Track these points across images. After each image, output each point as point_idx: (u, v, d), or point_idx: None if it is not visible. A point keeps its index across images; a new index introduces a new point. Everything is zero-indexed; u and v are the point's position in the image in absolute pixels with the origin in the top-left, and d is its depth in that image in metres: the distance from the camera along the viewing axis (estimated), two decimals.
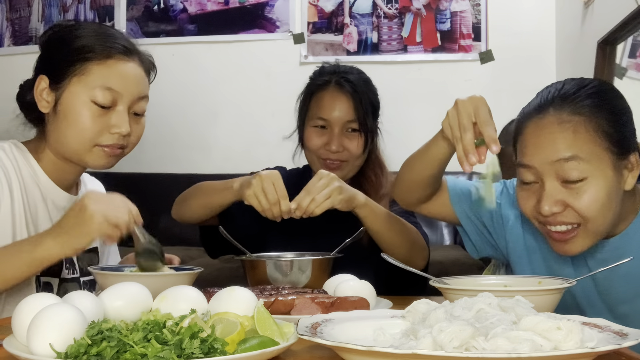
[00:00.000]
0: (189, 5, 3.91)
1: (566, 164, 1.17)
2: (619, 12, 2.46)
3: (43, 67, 1.40)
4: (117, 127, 1.37)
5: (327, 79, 1.82)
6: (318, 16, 3.80)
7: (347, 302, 1.08)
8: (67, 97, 1.36)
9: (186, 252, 1.86)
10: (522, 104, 1.39)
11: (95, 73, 1.36)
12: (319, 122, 1.79)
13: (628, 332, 0.80)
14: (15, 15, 4.13)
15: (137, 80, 1.41)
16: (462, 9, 3.68)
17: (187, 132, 3.73)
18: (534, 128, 1.23)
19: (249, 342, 0.79)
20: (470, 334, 0.74)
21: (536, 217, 1.24)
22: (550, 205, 1.19)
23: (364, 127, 1.79)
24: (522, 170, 1.25)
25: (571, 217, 1.20)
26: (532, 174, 1.23)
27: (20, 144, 1.43)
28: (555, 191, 1.19)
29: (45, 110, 1.39)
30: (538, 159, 1.21)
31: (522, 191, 1.27)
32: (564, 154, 1.18)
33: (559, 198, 1.19)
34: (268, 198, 1.49)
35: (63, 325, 0.76)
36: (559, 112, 1.21)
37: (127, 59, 1.40)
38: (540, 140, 1.21)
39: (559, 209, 1.19)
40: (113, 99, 1.36)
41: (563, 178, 1.19)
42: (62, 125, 1.37)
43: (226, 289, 0.95)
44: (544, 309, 0.97)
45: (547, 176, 1.20)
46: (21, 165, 1.39)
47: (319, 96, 1.81)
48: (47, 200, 1.42)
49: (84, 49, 1.37)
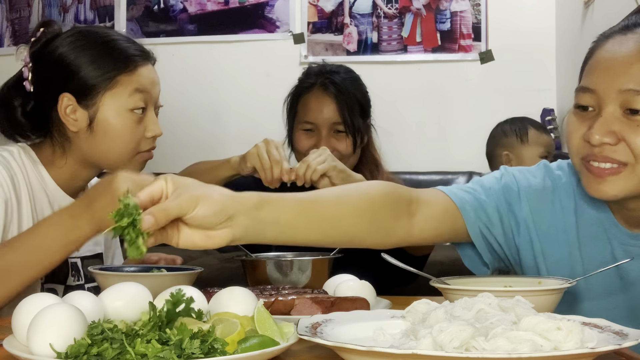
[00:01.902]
0: (189, 5, 3.91)
1: (636, 95, 1.02)
2: (619, 12, 2.46)
3: (62, 86, 1.37)
4: (152, 131, 1.41)
5: (313, 81, 1.84)
6: (318, 16, 3.80)
7: (347, 302, 1.08)
8: (104, 112, 1.37)
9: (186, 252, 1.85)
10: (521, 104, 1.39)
11: (126, 83, 1.38)
12: (307, 125, 1.82)
13: (628, 332, 0.80)
14: (15, 15, 4.13)
15: (156, 80, 1.45)
16: (462, 9, 3.68)
17: (187, 132, 3.73)
18: (611, 45, 1.07)
19: (249, 341, 0.79)
20: (470, 334, 0.74)
21: (581, 149, 1.08)
22: (603, 134, 1.03)
23: (350, 127, 1.80)
24: (582, 94, 1.08)
25: (622, 154, 1.04)
26: (592, 99, 1.07)
27: (29, 148, 1.42)
28: (613, 119, 1.04)
29: (75, 128, 1.37)
30: (604, 83, 1.05)
31: (574, 117, 1.10)
32: (635, 86, 1.02)
33: (615, 128, 1.03)
34: (271, 157, 1.51)
35: (63, 325, 0.76)
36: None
37: (147, 63, 1.43)
38: (612, 62, 1.05)
39: (612, 139, 1.03)
40: (145, 102, 1.39)
41: (627, 106, 1.03)
42: (104, 140, 1.38)
43: (226, 289, 0.95)
44: (544, 309, 0.97)
45: (609, 102, 1.04)
46: (29, 170, 1.38)
47: (305, 99, 1.84)
48: (54, 206, 1.41)
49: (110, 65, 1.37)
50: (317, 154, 1.56)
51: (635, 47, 1.04)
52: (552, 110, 3.37)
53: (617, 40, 1.07)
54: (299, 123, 1.84)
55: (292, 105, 1.88)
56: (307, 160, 1.54)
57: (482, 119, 3.58)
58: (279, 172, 1.52)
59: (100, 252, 1.55)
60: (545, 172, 1.25)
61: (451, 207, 1.19)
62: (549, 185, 1.23)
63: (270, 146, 1.55)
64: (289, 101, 1.90)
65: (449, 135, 3.66)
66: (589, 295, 1.22)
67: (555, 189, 1.22)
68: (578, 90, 1.10)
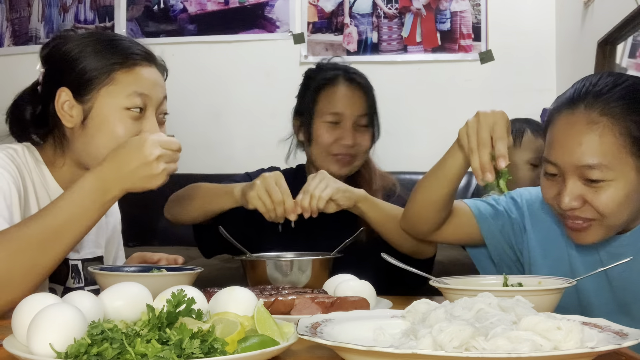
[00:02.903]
0: (189, 5, 3.91)
1: (589, 169, 1.21)
2: (619, 12, 2.46)
3: (60, 81, 1.37)
4: (151, 133, 1.35)
5: (335, 73, 1.82)
6: (318, 16, 3.80)
7: (347, 302, 1.08)
8: (98, 109, 1.35)
9: (186, 252, 1.85)
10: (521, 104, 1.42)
11: (124, 81, 1.36)
12: (331, 117, 1.78)
13: (628, 332, 0.80)
14: (15, 15, 4.13)
15: (160, 83, 1.43)
16: (462, 9, 3.68)
17: (187, 132, 3.72)
18: (564, 123, 1.26)
19: (250, 341, 0.79)
20: (470, 334, 0.74)
21: (556, 209, 1.29)
22: (570, 200, 1.23)
23: (372, 121, 1.81)
24: (547, 165, 1.29)
25: (588, 213, 1.23)
26: (556, 169, 1.27)
27: (33, 148, 1.41)
28: (575, 188, 1.23)
29: (70, 124, 1.36)
30: (563, 159, 1.24)
31: (546, 180, 1.31)
32: (588, 160, 1.21)
33: (578, 194, 1.23)
34: (272, 198, 1.49)
35: (63, 325, 0.76)
36: (589, 111, 1.23)
37: (149, 65, 1.41)
38: (567, 141, 1.24)
39: (578, 204, 1.23)
40: (144, 103, 1.37)
41: (585, 177, 1.22)
42: (96, 137, 1.35)
43: (226, 289, 0.95)
44: (544, 309, 0.97)
45: (569, 174, 1.24)
46: (32, 170, 1.38)
47: (330, 91, 1.80)
48: None
49: (108, 59, 1.36)
50: (317, 180, 1.53)
51: (581, 126, 1.22)
52: None
53: (567, 119, 1.25)
54: (321, 115, 1.79)
55: (310, 98, 1.82)
56: (309, 189, 1.51)
57: None
58: (282, 212, 1.50)
59: (100, 255, 1.54)
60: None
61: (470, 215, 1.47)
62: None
63: (269, 184, 1.50)
64: (305, 95, 1.85)
65: (449, 135, 3.62)
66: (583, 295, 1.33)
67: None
68: (544, 160, 1.30)
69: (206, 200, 1.65)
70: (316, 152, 1.81)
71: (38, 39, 4.06)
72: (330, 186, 1.52)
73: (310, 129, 1.80)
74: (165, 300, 0.83)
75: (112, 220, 1.63)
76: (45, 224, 1.18)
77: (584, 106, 1.23)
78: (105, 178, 1.22)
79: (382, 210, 1.59)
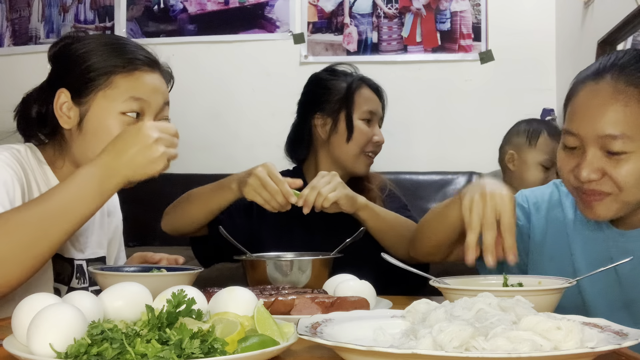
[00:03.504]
0: (189, 5, 3.91)
1: (612, 140, 1.19)
2: (619, 12, 2.46)
3: (61, 81, 1.37)
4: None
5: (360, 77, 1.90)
6: (318, 16, 3.80)
7: (347, 302, 1.08)
8: (94, 113, 1.35)
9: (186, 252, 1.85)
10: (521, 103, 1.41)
11: (122, 85, 1.35)
12: (368, 115, 1.85)
13: (628, 332, 0.80)
14: (15, 15, 4.13)
15: (161, 89, 1.41)
16: (462, 9, 3.68)
17: (187, 132, 3.70)
18: (587, 93, 1.24)
19: (250, 340, 0.79)
20: (470, 334, 0.74)
21: (572, 181, 1.26)
22: (589, 172, 1.20)
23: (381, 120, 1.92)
24: (567, 136, 1.26)
25: (606, 186, 1.21)
26: (576, 141, 1.24)
27: (35, 148, 1.41)
28: (596, 159, 1.21)
29: (67, 126, 1.36)
30: (585, 130, 1.22)
31: (563, 153, 1.28)
32: (611, 130, 1.18)
33: (599, 166, 1.21)
34: (268, 190, 1.50)
35: (63, 325, 0.76)
36: (615, 81, 1.21)
37: (151, 70, 1.40)
38: (590, 110, 1.22)
39: (597, 176, 1.21)
40: (141, 109, 1.36)
41: (606, 148, 1.20)
42: (92, 141, 1.35)
43: (226, 289, 0.95)
44: (544, 309, 0.97)
45: (590, 145, 1.21)
46: (35, 170, 1.38)
47: (364, 91, 1.87)
48: None
49: (108, 62, 1.36)
50: (327, 179, 1.55)
51: (606, 95, 1.20)
52: (552, 110, 3.37)
53: (592, 89, 1.23)
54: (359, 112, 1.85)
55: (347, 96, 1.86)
56: (318, 186, 1.52)
57: (482, 119, 3.59)
58: (283, 200, 1.52)
59: (103, 255, 1.55)
60: (554, 187, 1.46)
61: None
62: (556, 198, 1.43)
63: (263, 178, 1.51)
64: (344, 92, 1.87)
65: (449, 135, 3.66)
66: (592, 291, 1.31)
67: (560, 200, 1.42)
68: (564, 132, 1.27)
69: (204, 201, 1.66)
70: (351, 150, 1.83)
71: (38, 39, 4.06)
72: (339, 190, 1.54)
73: (351, 126, 1.83)
74: (165, 300, 0.83)
75: (114, 220, 1.64)
76: (44, 207, 1.16)
77: (610, 77, 1.21)
78: (105, 165, 1.20)
79: (383, 220, 1.62)
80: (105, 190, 1.21)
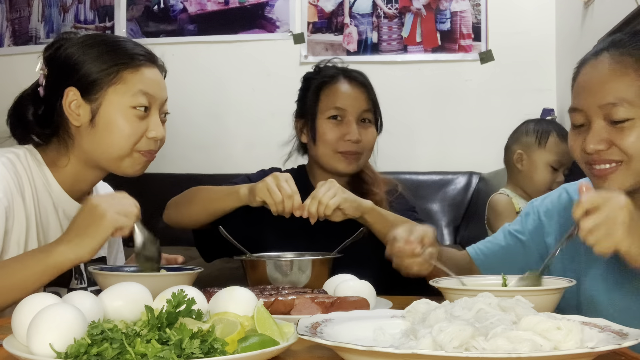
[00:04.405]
0: (189, 5, 3.91)
1: (614, 107, 1.22)
2: (619, 12, 2.46)
3: (67, 81, 1.39)
4: (154, 132, 1.41)
5: (335, 72, 1.83)
6: (318, 16, 3.80)
7: (347, 302, 1.08)
8: (106, 107, 1.39)
9: (186, 252, 1.85)
10: (521, 104, 1.41)
11: (131, 80, 1.40)
12: (334, 111, 1.78)
13: (628, 332, 0.80)
14: (15, 15, 4.12)
15: (163, 84, 1.47)
16: (462, 9, 3.68)
17: (187, 132, 3.72)
18: (587, 69, 1.30)
19: (250, 341, 0.79)
20: (470, 334, 0.74)
21: (583, 157, 1.29)
22: (596, 143, 1.24)
23: (376, 117, 1.81)
24: (573, 114, 1.30)
25: (615, 154, 1.23)
26: (582, 117, 1.28)
27: (35, 151, 1.43)
28: (601, 130, 1.24)
29: (77, 123, 1.39)
30: (587, 102, 1.26)
31: (572, 134, 1.32)
32: (611, 98, 1.22)
33: (604, 136, 1.24)
34: (282, 192, 1.50)
35: (63, 325, 0.76)
36: (611, 54, 1.27)
37: (152, 65, 1.45)
38: (590, 84, 1.27)
39: (604, 146, 1.24)
40: (149, 103, 1.41)
41: (610, 118, 1.23)
42: (104, 135, 1.39)
43: (226, 289, 0.95)
44: (544, 309, 0.97)
45: (594, 117, 1.25)
46: (34, 173, 1.39)
47: (332, 88, 1.81)
48: (59, 209, 1.42)
49: (115, 59, 1.39)
50: (326, 187, 1.53)
51: (606, 68, 1.26)
52: (552, 110, 3.37)
53: (591, 64, 1.30)
54: (325, 111, 1.79)
55: (312, 97, 1.82)
56: (317, 195, 1.51)
57: (482, 119, 3.59)
58: (291, 206, 1.51)
59: (104, 255, 1.55)
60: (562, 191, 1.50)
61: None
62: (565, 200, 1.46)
63: (280, 181, 1.52)
64: (306, 95, 1.84)
65: (449, 135, 3.66)
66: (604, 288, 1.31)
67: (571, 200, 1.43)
68: (570, 111, 1.31)
69: (209, 202, 1.65)
70: (322, 151, 1.80)
71: (38, 39, 4.06)
72: (339, 195, 1.52)
73: (315, 127, 1.80)
74: (165, 300, 0.83)
75: None
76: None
77: (607, 52, 1.28)
78: (56, 240, 1.25)
79: (390, 223, 1.60)
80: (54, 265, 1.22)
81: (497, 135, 2.87)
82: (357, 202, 1.55)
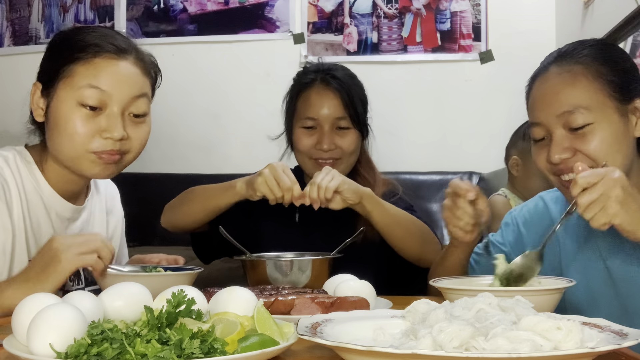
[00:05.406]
0: (189, 5, 3.91)
1: (571, 115, 1.24)
2: (619, 12, 2.46)
3: (39, 74, 1.37)
4: (109, 132, 1.30)
5: (312, 77, 1.81)
6: (318, 16, 3.80)
7: (347, 302, 1.08)
8: (56, 103, 1.31)
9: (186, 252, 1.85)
10: (521, 104, 1.41)
11: (81, 74, 1.30)
12: (308, 122, 1.77)
13: (628, 332, 0.80)
14: (15, 15, 4.12)
15: (130, 80, 1.34)
16: (462, 9, 3.68)
17: (187, 132, 3.72)
18: (539, 84, 1.33)
19: (250, 340, 0.79)
20: (470, 334, 0.74)
21: (550, 169, 1.30)
22: (560, 153, 1.25)
23: (355, 122, 1.78)
24: (533, 128, 1.32)
25: (581, 161, 1.22)
26: (542, 130, 1.30)
27: (25, 151, 1.39)
28: (562, 139, 1.26)
29: (40, 118, 1.35)
30: (544, 114, 1.28)
31: (535, 148, 1.33)
32: (566, 106, 1.24)
33: (567, 145, 1.25)
34: (281, 185, 1.50)
35: (63, 325, 0.76)
36: (559, 66, 1.30)
37: (116, 58, 1.33)
38: (544, 96, 1.29)
39: (568, 154, 1.25)
40: (101, 99, 1.30)
41: (569, 126, 1.25)
42: (55, 132, 1.32)
43: (226, 289, 0.95)
44: (544, 309, 0.97)
45: (554, 128, 1.27)
46: (23, 176, 1.35)
47: (306, 95, 1.79)
48: (51, 212, 1.39)
49: (71, 51, 1.32)
50: (324, 173, 1.54)
51: (557, 78, 1.29)
52: None
53: (542, 78, 1.33)
54: (299, 120, 1.79)
55: (290, 103, 1.84)
56: (316, 181, 1.52)
57: (482, 119, 3.58)
58: (290, 199, 1.52)
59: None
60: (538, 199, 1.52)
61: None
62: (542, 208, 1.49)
63: (278, 172, 1.52)
64: (287, 100, 1.86)
65: (449, 135, 3.66)
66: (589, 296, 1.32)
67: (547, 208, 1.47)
68: (530, 126, 1.34)
69: (205, 199, 1.65)
70: (299, 158, 1.83)
71: (38, 39, 4.05)
72: (337, 178, 1.53)
73: (291, 135, 1.82)
74: (165, 300, 0.83)
75: (114, 219, 1.63)
76: None
77: (555, 64, 1.31)
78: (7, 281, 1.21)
79: (388, 212, 1.59)
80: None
81: (497, 136, 2.87)
82: (355, 185, 1.56)
